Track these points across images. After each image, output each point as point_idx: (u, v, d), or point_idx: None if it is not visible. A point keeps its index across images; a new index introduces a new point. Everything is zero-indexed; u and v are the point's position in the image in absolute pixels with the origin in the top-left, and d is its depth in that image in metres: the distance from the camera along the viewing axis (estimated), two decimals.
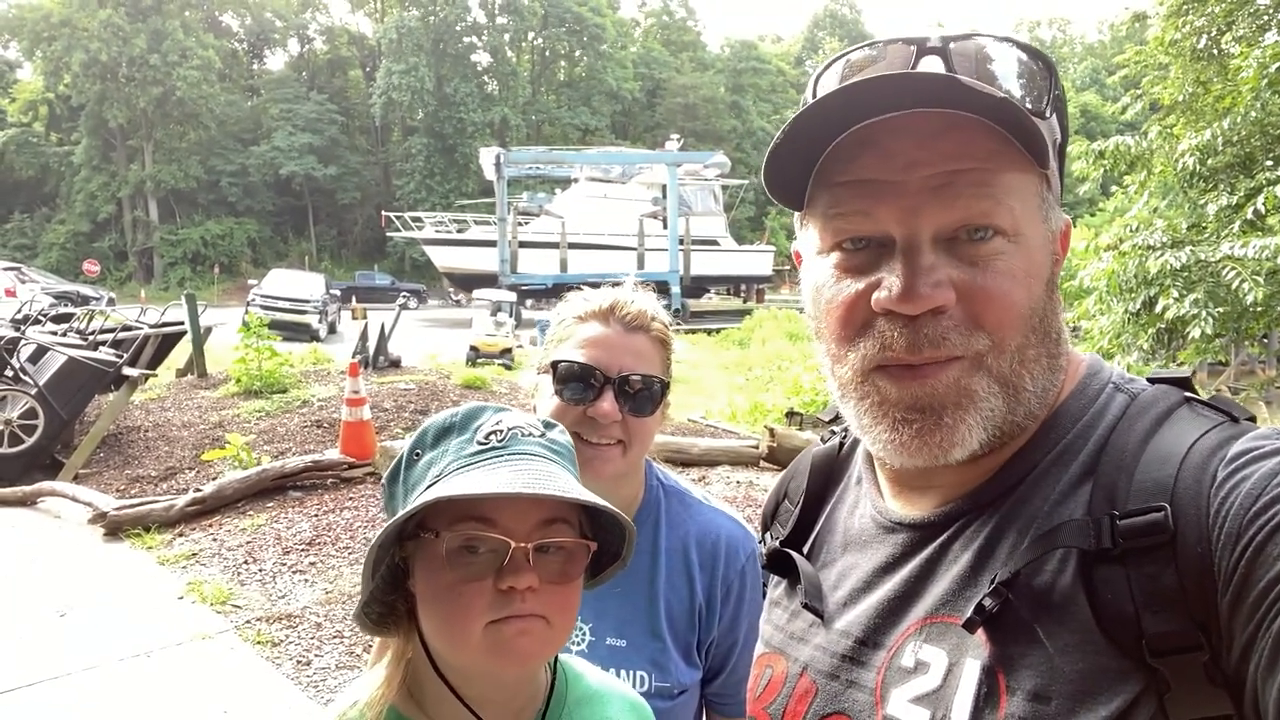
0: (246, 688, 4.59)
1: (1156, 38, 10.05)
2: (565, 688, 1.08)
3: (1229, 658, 0.67)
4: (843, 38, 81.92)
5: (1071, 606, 0.73)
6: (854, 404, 0.87)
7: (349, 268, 54.40)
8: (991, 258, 0.79)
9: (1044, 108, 0.84)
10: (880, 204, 0.80)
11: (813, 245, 0.89)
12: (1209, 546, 0.69)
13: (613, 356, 1.46)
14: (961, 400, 0.80)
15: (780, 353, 21.89)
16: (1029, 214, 0.82)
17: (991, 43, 0.84)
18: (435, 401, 10.91)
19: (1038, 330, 0.82)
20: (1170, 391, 0.83)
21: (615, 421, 1.44)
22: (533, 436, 0.99)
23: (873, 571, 0.92)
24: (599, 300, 1.53)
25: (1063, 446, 0.83)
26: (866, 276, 0.82)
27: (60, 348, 9.52)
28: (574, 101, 65.11)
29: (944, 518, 0.87)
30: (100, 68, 49.78)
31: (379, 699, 0.98)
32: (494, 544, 0.91)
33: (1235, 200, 8.47)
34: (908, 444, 0.82)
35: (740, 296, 41.43)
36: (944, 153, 0.78)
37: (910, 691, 0.81)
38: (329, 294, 28.33)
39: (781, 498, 1.14)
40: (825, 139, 0.82)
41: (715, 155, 37.96)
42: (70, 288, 28.58)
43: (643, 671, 1.46)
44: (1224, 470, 0.71)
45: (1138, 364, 8.95)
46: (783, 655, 0.99)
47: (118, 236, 53.52)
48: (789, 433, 8.88)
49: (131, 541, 6.78)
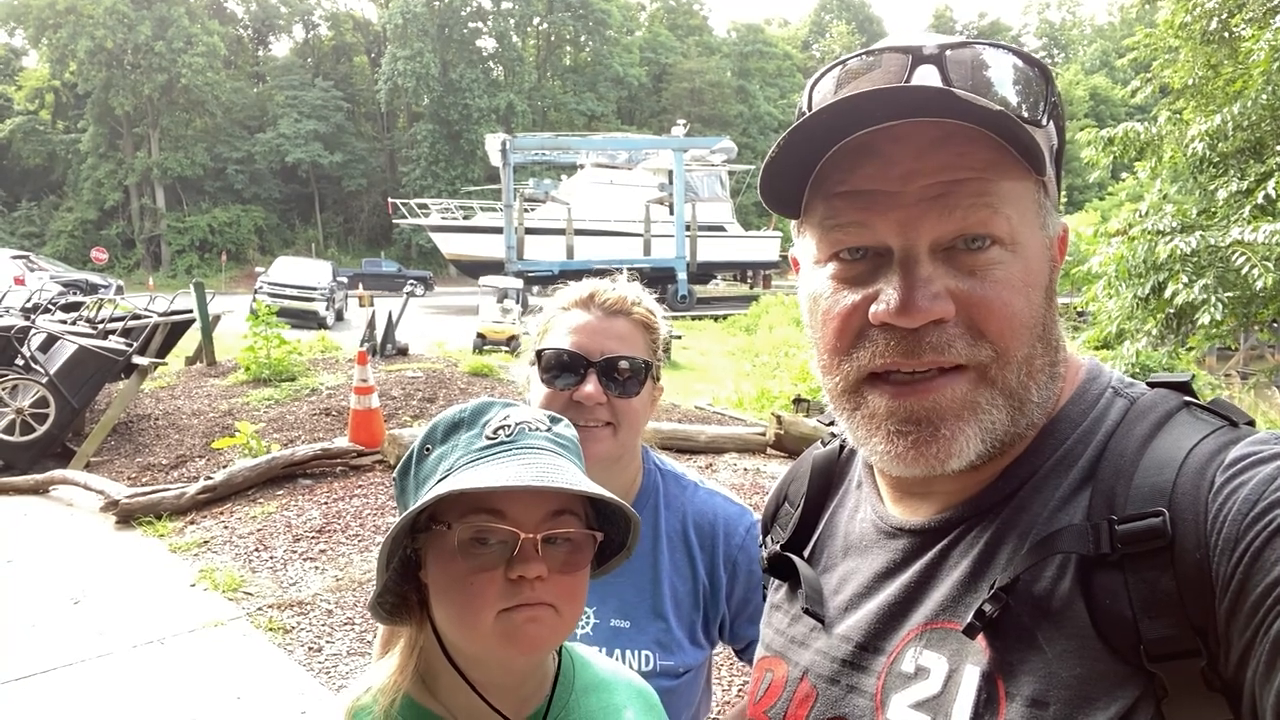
0: (259, 674, 4.64)
1: (1166, 20, 9.98)
2: (573, 675, 1.11)
3: (1226, 663, 0.67)
4: (849, 21, 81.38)
5: (1070, 612, 0.74)
6: (846, 416, 0.87)
7: (355, 255, 54.51)
8: (990, 267, 0.79)
9: (1040, 115, 0.84)
10: (877, 214, 0.80)
11: (809, 254, 0.89)
12: (1207, 552, 0.69)
13: (594, 341, 1.51)
14: (963, 412, 0.80)
15: (787, 339, 21.89)
16: (1026, 222, 0.81)
17: (988, 50, 0.84)
18: (443, 389, 10.94)
19: (1041, 339, 0.82)
20: (1169, 396, 0.83)
21: (600, 404, 1.49)
22: (540, 431, 1.01)
23: (873, 577, 0.92)
24: (580, 290, 1.59)
25: (1062, 452, 0.83)
26: (864, 288, 0.82)
27: (70, 336, 9.56)
28: (580, 87, 64.88)
29: (944, 523, 0.87)
30: (105, 55, 49.82)
31: (392, 686, 1.01)
32: (504, 535, 0.94)
33: (1246, 185, 8.42)
34: (903, 455, 0.82)
35: (747, 282, 41.40)
36: (941, 163, 0.78)
37: (910, 697, 0.82)
38: (336, 281, 28.33)
39: (782, 500, 1.14)
40: (822, 148, 0.82)
41: (722, 140, 37.78)
42: (79, 276, 28.62)
43: (648, 651, 1.50)
44: (1222, 475, 0.71)
45: (1146, 349, 8.93)
46: (783, 659, 1.00)
47: (125, 224, 53.67)
48: (796, 419, 8.88)
49: (143, 529, 6.83)
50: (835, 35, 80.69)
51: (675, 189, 32.97)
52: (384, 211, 47.08)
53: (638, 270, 1.71)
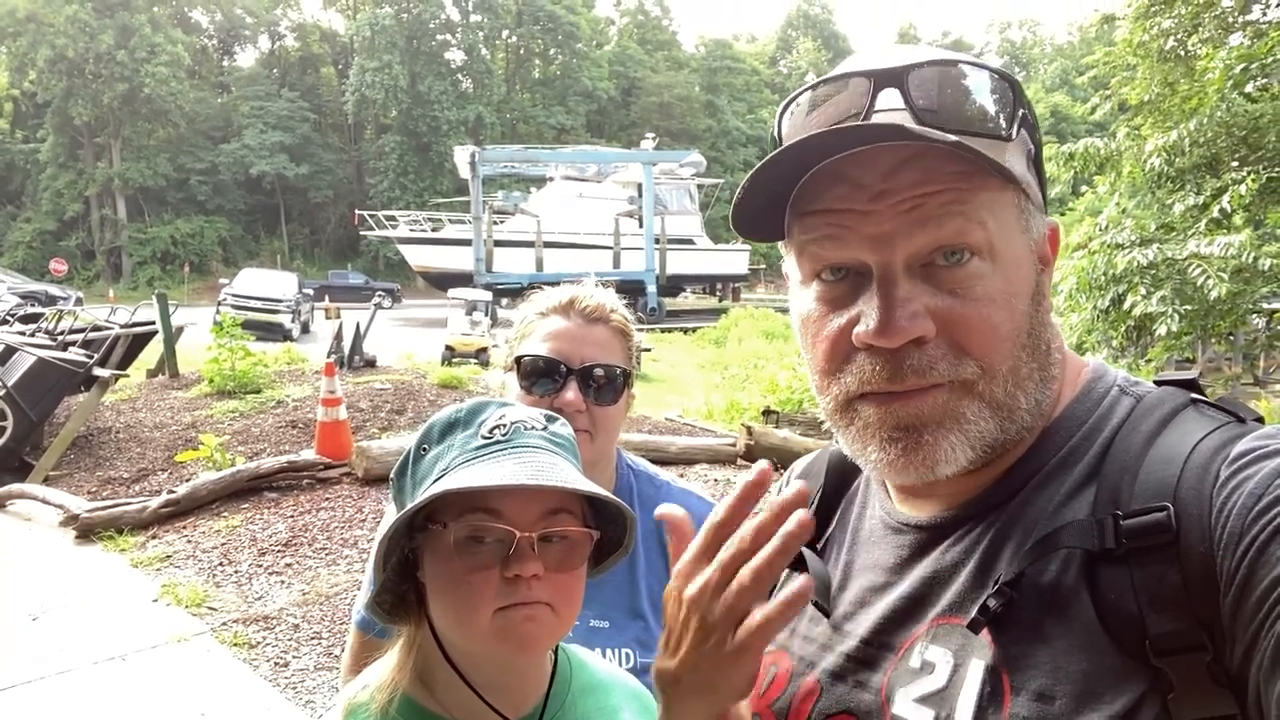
0: (224, 690, 4.55)
1: (1125, 39, 10.21)
2: (570, 676, 1.11)
3: (1232, 658, 0.67)
4: (815, 38, 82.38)
5: (1075, 607, 0.74)
6: (842, 431, 0.88)
7: (322, 266, 53.89)
8: (970, 282, 0.79)
9: (1011, 128, 0.83)
10: (851, 231, 0.81)
11: (795, 275, 0.90)
12: (1211, 546, 0.69)
13: (575, 348, 1.52)
14: (945, 421, 0.81)
15: (756, 351, 22.00)
16: (1005, 229, 0.81)
17: (953, 68, 0.83)
18: (411, 401, 10.85)
19: (1028, 347, 0.82)
20: (1176, 393, 0.83)
21: (580, 411, 1.49)
22: (535, 430, 1.02)
23: (881, 572, 0.93)
24: (559, 296, 1.59)
25: (1067, 450, 0.83)
26: (847, 310, 0.83)
27: (29, 348, 9.38)
28: (549, 100, 64.96)
29: (951, 520, 0.88)
30: (66, 64, 49.01)
31: (389, 683, 1.02)
32: (500, 534, 0.94)
33: (1202, 200, 8.63)
34: (895, 462, 0.83)
35: (716, 295, 41.50)
36: (911, 180, 0.79)
37: (915, 691, 0.82)
38: (302, 293, 27.99)
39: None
40: (793, 176, 0.83)
41: (690, 154, 37.95)
42: (38, 287, 28.13)
43: (628, 649, 1.51)
44: (1227, 470, 0.71)
45: (1108, 360, 9.09)
46: (787, 652, 0.99)
47: (85, 235, 52.70)
48: (766, 430, 8.93)
49: (104, 544, 6.69)
50: (802, 51, 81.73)
51: (644, 202, 33.00)
52: (351, 223, 46.68)
53: (606, 283, 1.72)
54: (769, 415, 10.80)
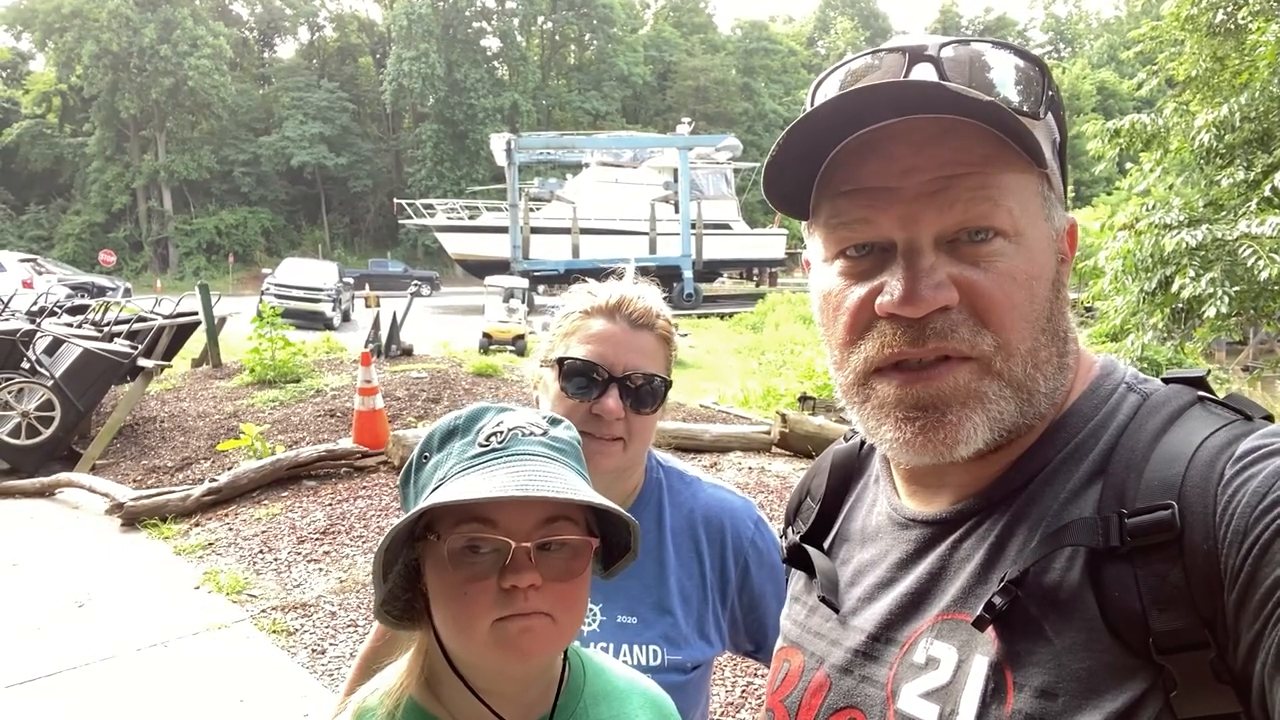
0: (262, 676, 4.64)
1: (1172, 13, 9.93)
2: (583, 681, 1.09)
3: (1235, 655, 0.67)
4: (854, 17, 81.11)
5: (1079, 604, 0.74)
6: (857, 408, 0.89)
7: (362, 255, 54.57)
8: (993, 258, 0.80)
9: (1038, 108, 0.85)
10: (880, 210, 0.82)
11: (819, 254, 0.91)
12: (1216, 544, 0.69)
13: (619, 354, 1.47)
14: (969, 400, 0.81)
15: (793, 336, 21.86)
16: (1029, 214, 0.83)
17: (987, 48, 0.86)
18: (447, 389, 10.93)
19: (1047, 331, 0.83)
20: (1183, 391, 0.83)
21: (619, 419, 1.46)
22: (534, 435, 1.00)
23: (888, 568, 0.94)
24: (605, 295, 1.54)
25: (1073, 446, 0.83)
26: (869, 281, 0.84)
27: (76, 340, 9.58)
28: (584, 86, 64.87)
29: (957, 515, 0.88)
30: (111, 58, 49.97)
31: (398, 688, 1.03)
32: (496, 544, 0.93)
33: (1252, 177, 8.37)
34: (912, 441, 0.83)
35: (753, 280, 41.34)
36: (940, 158, 0.80)
37: (920, 687, 0.83)
38: (342, 282, 28.40)
39: (804, 495, 1.16)
40: (825, 148, 0.84)
41: (727, 138, 37.71)
42: (87, 279, 28.68)
43: (655, 646, 1.49)
44: (1231, 468, 0.71)
45: (1152, 343, 8.88)
46: (800, 649, 1.01)
47: (133, 227, 53.90)
48: (801, 418, 8.85)
49: (148, 531, 6.85)
50: (840, 32, 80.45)
51: (680, 187, 32.87)
52: (390, 212, 47.12)
53: (643, 269, 1.68)
54: (805, 402, 10.71)
